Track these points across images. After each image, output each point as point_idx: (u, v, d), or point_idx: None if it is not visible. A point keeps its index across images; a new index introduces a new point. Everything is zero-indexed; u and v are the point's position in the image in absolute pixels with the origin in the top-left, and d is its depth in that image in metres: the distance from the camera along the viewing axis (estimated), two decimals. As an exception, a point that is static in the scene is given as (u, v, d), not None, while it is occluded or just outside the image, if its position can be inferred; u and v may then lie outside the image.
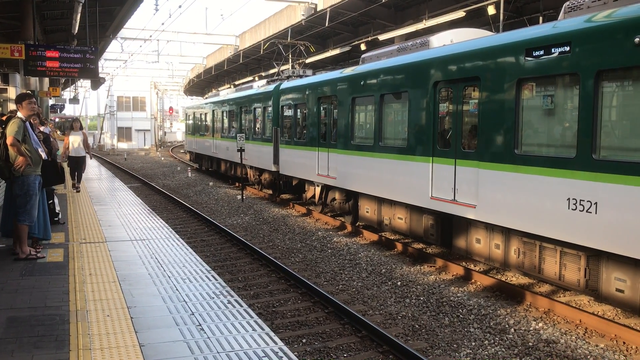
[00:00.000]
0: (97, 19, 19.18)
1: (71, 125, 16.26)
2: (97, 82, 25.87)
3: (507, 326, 7.96)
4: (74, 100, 41.55)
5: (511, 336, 7.61)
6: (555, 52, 7.93)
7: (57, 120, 40.49)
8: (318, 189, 16.19)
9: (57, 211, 10.54)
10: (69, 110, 54.39)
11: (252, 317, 5.30)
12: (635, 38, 6.77)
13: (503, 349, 7.23)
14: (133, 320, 5.26)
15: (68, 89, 46.94)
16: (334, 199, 15.37)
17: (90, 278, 6.71)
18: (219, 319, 5.24)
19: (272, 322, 8.23)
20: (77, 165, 15.64)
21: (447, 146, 10.40)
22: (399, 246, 12.57)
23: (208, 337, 4.80)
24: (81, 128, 16.16)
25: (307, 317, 8.41)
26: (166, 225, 10.17)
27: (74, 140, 15.45)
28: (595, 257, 7.75)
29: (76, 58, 14.97)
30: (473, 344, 7.42)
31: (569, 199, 7.75)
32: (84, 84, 49.65)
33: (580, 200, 7.58)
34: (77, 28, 19.11)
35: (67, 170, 14.07)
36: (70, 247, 8.50)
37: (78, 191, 15.31)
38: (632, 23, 6.90)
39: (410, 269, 10.95)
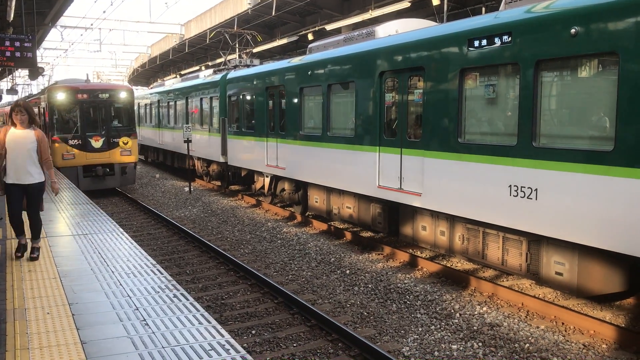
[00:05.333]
0: (34, 6, 18.39)
1: (9, 116, 7.21)
2: (35, 72, 24.84)
3: (452, 311, 8.14)
4: (12, 90, 39.86)
5: (457, 321, 7.79)
6: (497, 42, 8.10)
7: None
8: (267, 180, 16.12)
9: (-7, 206, 10.04)
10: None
11: (198, 310, 5.23)
12: (572, 29, 6.98)
13: (449, 334, 7.39)
14: (74, 317, 5.10)
15: (5, 79, 45.04)
16: (283, 190, 15.34)
17: (29, 275, 6.47)
18: (164, 314, 5.15)
19: (220, 314, 8.15)
20: (28, 199, 7.29)
21: (393, 135, 10.51)
22: (348, 235, 12.66)
23: (153, 332, 4.71)
24: (32, 123, 7.29)
25: (256, 309, 8.37)
26: (110, 219, 9.91)
27: (15, 149, 7.09)
28: (535, 242, 8.01)
29: (12, 47, 14.33)
30: (420, 329, 7.56)
31: (510, 185, 7.96)
32: (22, 73, 47.76)
33: (521, 187, 7.79)
34: (12, 15, 18.27)
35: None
36: (7, 243, 8.17)
37: (34, 258, 7.17)
38: (569, 14, 7.11)
39: (359, 257, 11.05)
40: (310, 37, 23.10)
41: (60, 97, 18.69)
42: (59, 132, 18.64)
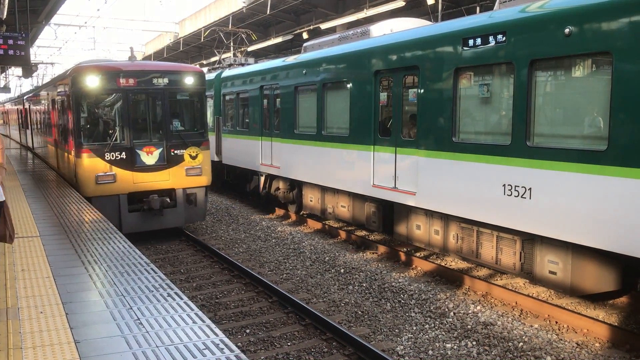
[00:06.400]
0: (27, 3, 18.32)
1: None
2: (29, 70, 24.75)
3: (446, 310, 8.15)
4: (5, 88, 39.67)
5: (451, 320, 7.80)
6: (491, 41, 8.11)
7: None
8: (262, 179, 16.10)
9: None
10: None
11: (192, 309, 5.21)
12: (566, 29, 7.00)
13: (443, 333, 7.40)
14: (68, 316, 5.08)
15: (-2, 77, 44.79)
16: (278, 188, 15.32)
17: (22, 274, 6.44)
18: (158, 313, 5.13)
19: (215, 313, 8.15)
20: None
21: (388, 135, 10.52)
22: (342, 234, 12.66)
23: (147, 332, 4.69)
24: None
25: (250, 308, 8.37)
26: (104, 218, 9.87)
27: None
28: (529, 241, 8.03)
29: (5, 45, 14.26)
30: (414, 328, 7.57)
31: (504, 185, 7.97)
32: (16, 71, 47.52)
33: (515, 186, 7.81)
34: (5, 13, 18.21)
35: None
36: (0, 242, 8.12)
37: None
38: (563, 14, 7.12)
39: (353, 256, 11.06)
40: (305, 35, 23.08)
41: (93, 83, 11.76)
42: (89, 139, 11.97)
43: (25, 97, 25.56)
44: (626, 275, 7.43)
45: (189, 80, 12.74)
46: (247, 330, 7.53)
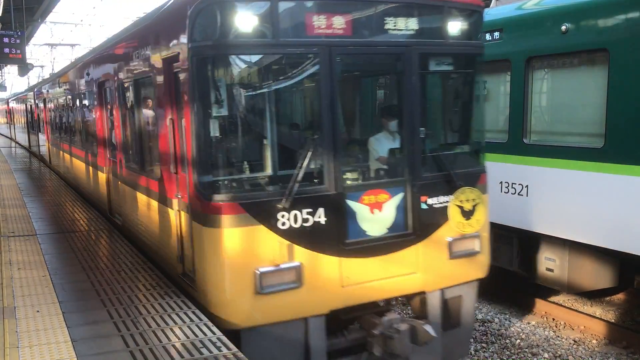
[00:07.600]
0: (23, 1, 18.26)
1: None
2: (24, 68, 24.64)
3: (444, 307, 8.15)
4: (0, 86, 39.56)
5: (448, 317, 7.80)
6: (488, 38, 8.10)
7: None
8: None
9: (-18, 204, 9.82)
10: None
11: (189, 307, 5.21)
12: (562, 26, 7.00)
13: (440, 330, 7.40)
14: (65, 315, 5.07)
15: (-6, 75, 44.67)
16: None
17: (19, 273, 6.42)
18: (155, 311, 5.12)
19: (212, 311, 8.13)
20: None
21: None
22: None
23: (144, 330, 4.68)
24: None
25: (248, 306, 8.35)
26: (100, 216, 9.84)
27: None
28: (526, 238, 8.03)
29: (0, 43, 14.24)
30: (412, 326, 7.56)
31: (501, 182, 7.97)
32: (11, 69, 47.37)
33: (512, 183, 7.81)
34: (1, 11, 18.17)
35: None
36: (-3, 241, 8.10)
37: None
38: (559, 11, 7.12)
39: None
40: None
41: (247, 25, 4.47)
42: (234, 174, 5.09)
43: (37, 89, 18.97)
44: (623, 272, 7.43)
45: (458, 27, 5.49)
46: (245, 329, 7.51)
